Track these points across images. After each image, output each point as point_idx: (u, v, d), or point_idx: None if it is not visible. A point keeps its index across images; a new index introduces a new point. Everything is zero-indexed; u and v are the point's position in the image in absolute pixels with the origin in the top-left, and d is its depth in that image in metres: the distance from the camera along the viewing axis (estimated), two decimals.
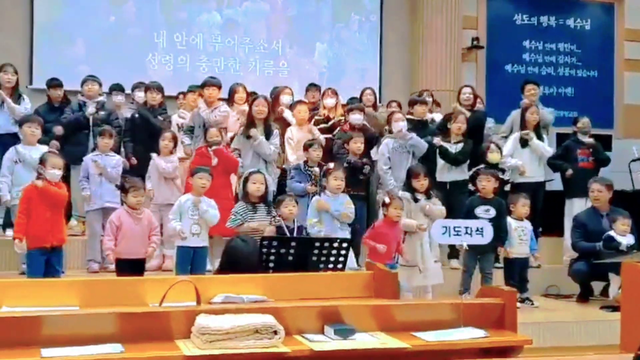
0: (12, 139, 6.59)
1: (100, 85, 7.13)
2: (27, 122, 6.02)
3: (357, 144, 6.41)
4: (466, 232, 3.43)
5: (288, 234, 5.14)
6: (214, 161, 6.01)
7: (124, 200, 5.20)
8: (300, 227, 5.48)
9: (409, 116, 6.93)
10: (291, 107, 7.23)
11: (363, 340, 2.84)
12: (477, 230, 3.47)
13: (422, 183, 5.72)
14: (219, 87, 6.85)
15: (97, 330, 2.74)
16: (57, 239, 5.10)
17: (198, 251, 5.26)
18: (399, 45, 10.38)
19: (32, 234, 5.03)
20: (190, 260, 5.20)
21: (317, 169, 6.26)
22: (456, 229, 3.44)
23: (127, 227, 5.04)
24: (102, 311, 2.83)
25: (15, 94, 6.78)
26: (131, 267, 5.00)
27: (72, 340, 2.67)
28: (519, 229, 5.94)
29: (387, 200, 5.57)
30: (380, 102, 8.53)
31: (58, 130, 6.74)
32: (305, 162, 6.32)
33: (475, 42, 10.46)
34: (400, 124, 6.54)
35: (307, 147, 6.35)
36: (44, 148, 5.91)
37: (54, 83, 7.16)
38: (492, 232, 3.58)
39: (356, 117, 6.71)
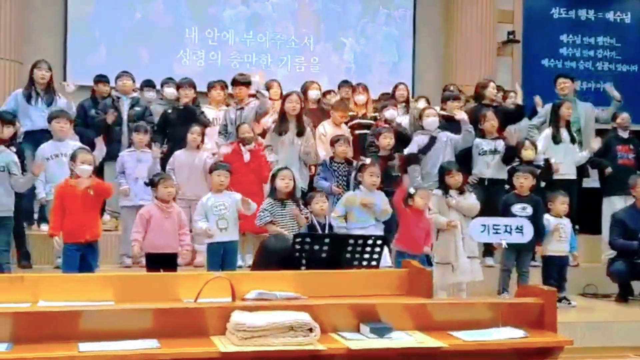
0: (46, 135, 6.68)
1: (134, 80, 7.18)
2: (55, 118, 6.05)
3: (386, 140, 6.36)
4: (506, 231, 3.35)
5: (320, 230, 5.13)
6: (246, 157, 6.01)
7: (154, 195, 5.22)
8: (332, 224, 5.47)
9: (442, 112, 6.86)
10: (319, 101, 7.24)
11: (399, 339, 2.80)
12: (517, 228, 3.38)
13: (455, 179, 5.65)
14: (247, 85, 6.88)
15: (133, 326, 2.74)
16: (92, 234, 5.15)
17: (228, 246, 5.28)
18: (432, 39, 10.27)
19: (67, 229, 5.08)
20: (220, 256, 5.22)
21: (342, 166, 6.23)
22: (495, 227, 3.37)
23: (157, 222, 5.09)
24: (138, 307, 2.84)
25: (50, 91, 6.85)
26: (162, 261, 5.04)
27: (109, 335, 2.68)
28: (557, 226, 5.83)
29: (412, 191, 5.54)
30: (412, 97, 8.46)
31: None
32: (332, 158, 6.29)
33: (511, 36, 10.29)
34: (431, 120, 6.47)
35: (333, 142, 6.33)
36: (75, 143, 5.95)
37: (101, 79, 7.25)
38: (532, 231, 3.49)
39: (390, 113, 6.66)
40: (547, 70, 10.40)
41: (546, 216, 5.83)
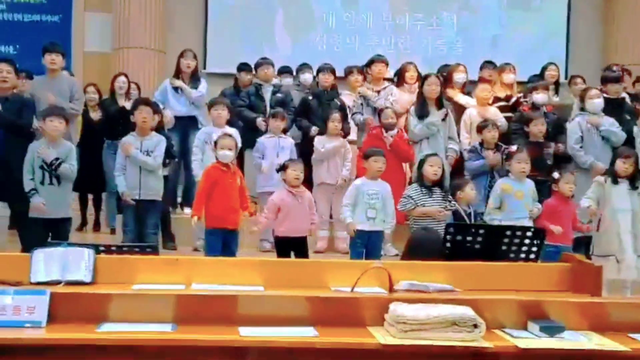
0: (191, 122, 6.86)
1: (274, 67, 7.23)
2: (213, 105, 6.20)
3: (537, 126, 6.01)
4: None
5: (466, 219, 4.93)
6: (388, 142, 5.93)
7: (284, 178, 5.20)
8: (477, 213, 5.25)
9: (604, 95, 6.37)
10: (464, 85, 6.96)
11: (574, 340, 2.58)
12: None
13: (627, 167, 5.23)
14: (387, 64, 6.90)
15: (290, 312, 2.71)
16: (236, 221, 5.22)
17: (373, 236, 5.17)
18: (590, 14, 9.52)
19: (212, 214, 5.16)
20: (365, 245, 5.12)
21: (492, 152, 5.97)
22: None
23: (288, 206, 5.08)
24: (296, 294, 2.80)
25: (194, 79, 7.01)
26: (291, 245, 5.06)
27: (266, 320, 2.67)
28: None
29: (556, 175, 5.24)
30: (566, 77, 7.94)
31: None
32: (481, 144, 6.06)
33: None
34: (596, 102, 6.04)
35: (481, 128, 6.10)
36: (231, 130, 6.04)
37: (244, 68, 7.39)
38: None
39: (541, 97, 6.30)
40: None
41: None
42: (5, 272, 2.94)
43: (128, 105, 6.56)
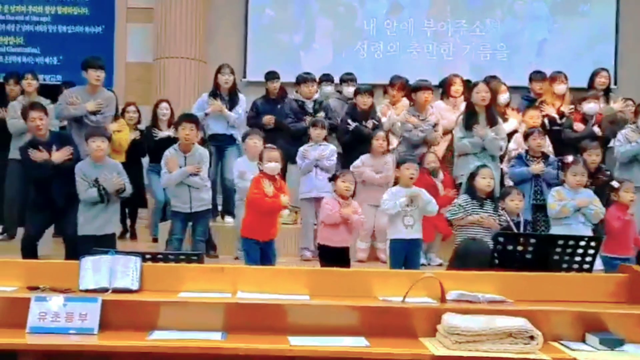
0: (228, 137, 6.82)
1: (317, 83, 7.14)
2: (249, 135, 5.99)
3: (592, 157, 5.71)
4: None
5: (514, 229, 4.82)
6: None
7: (334, 189, 5.17)
8: (526, 222, 5.13)
9: None
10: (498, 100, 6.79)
11: (637, 353, 2.50)
12: None
13: None
14: (432, 90, 6.64)
15: (340, 322, 2.70)
16: (271, 234, 5.17)
17: (411, 244, 5.07)
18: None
19: (249, 226, 5.13)
20: (404, 253, 5.04)
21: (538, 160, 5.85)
22: None
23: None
24: (346, 303, 2.76)
25: (232, 94, 6.88)
26: (335, 254, 5.01)
27: (315, 330, 2.64)
28: None
29: (615, 184, 5.09)
30: (615, 83, 7.66)
31: (269, 120, 6.92)
32: (527, 152, 5.93)
33: None
34: None
35: (526, 136, 5.97)
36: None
37: (271, 76, 7.35)
38: None
39: (591, 107, 6.14)
40: None
41: None
42: (54, 279, 2.96)
43: (171, 133, 6.53)
